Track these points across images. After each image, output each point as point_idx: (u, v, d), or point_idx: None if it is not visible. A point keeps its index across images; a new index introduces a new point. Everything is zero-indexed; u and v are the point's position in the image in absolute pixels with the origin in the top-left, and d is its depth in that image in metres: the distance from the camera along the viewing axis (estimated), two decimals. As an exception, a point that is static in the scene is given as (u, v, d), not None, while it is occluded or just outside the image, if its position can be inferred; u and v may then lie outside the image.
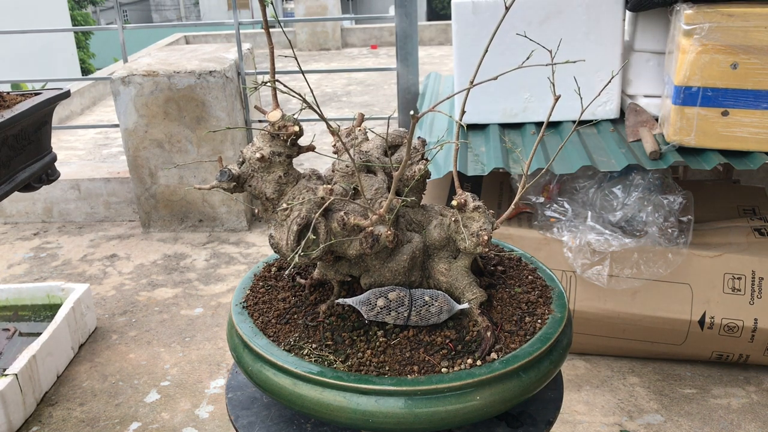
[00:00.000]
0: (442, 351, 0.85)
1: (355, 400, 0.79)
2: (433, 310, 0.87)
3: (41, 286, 2.26)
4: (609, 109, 2.04)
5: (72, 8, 12.08)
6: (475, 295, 0.89)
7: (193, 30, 9.16)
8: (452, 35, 2.02)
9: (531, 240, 1.88)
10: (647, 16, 1.98)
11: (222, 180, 0.83)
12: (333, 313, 0.92)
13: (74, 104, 5.52)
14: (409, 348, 0.86)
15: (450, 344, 0.85)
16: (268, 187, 0.85)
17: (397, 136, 0.95)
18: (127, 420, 1.86)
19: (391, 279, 0.89)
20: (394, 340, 0.87)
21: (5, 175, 1.64)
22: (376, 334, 0.88)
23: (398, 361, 0.84)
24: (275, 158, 0.84)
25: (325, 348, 0.87)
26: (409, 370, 0.82)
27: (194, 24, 4.41)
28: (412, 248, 0.89)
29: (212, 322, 2.33)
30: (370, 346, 0.86)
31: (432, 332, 0.88)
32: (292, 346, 0.87)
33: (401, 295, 0.87)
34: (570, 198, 1.94)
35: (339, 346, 0.87)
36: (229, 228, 3.06)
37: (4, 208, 3.23)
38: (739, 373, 1.91)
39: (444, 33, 8.30)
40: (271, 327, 0.92)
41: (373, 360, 0.84)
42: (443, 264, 0.91)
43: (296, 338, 0.88)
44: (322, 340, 0.88)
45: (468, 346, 0.85)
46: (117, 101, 2.88)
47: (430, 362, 0.83)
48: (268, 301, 0.97)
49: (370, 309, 0.87)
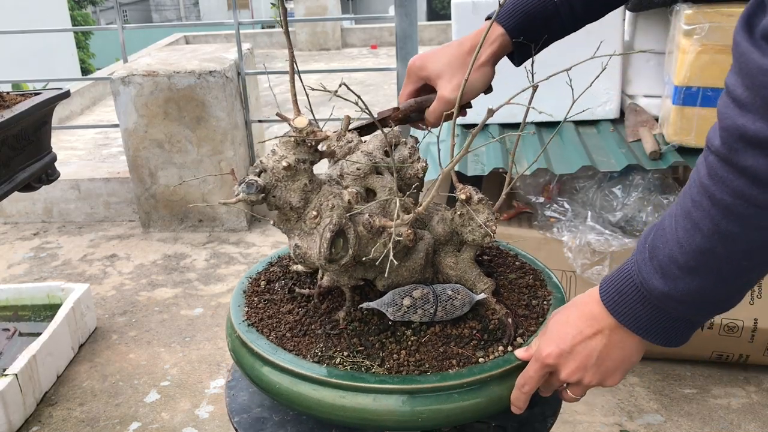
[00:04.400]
0: (473, 342, 0.86)
1: (409, 402, 0.79)
2: (458, 303, 0.87)
3: (41, 286, 2.26)
4: (609, 109, 2.04)
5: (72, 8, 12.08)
6: (487, 285, 0.90)
7: (193, 30, 9.16)
8: (452, 35, 2.02)
9: (531, 240, 1.88)
10: (647, 16, 1.98)
11: (251, 193, 0.78)
12: (354, 319, 0.90)
13: (74, 104, 5.52)
14: (440, 343, 0.86)
15: (478, 335, 0.87)
16: (293, 197, 0.81)
17: (395, 136, 0.95)
18: (127, 420, 1.86)
19: (408, 278, 0.89)
20: (424, 338, 0.86)
21: (5, 175, 1.64)
22: (405, 333, 0.87)
23: (434, 357, 0.83)
24: (300, 166, 0.80)
25: (357, 354, 0.84)
26: (448, 365, 0.82)
27: (194, 24, 4.41)
28: (425, 245, 0.90)
29: (212, 322, 2.33)
30: (403, 347, 0.85)
31: (456, 325, 0.88)
32: (320, 357, 0.84)
33: (425, 293, 0.87)
34: (570, 198, 1.94)
35: (370, 351, 0.85)
36: (229, 228, 3.06)
37: (4, 208, 3.23)
38: (739, 373, 1.91)
39: (444, 33, 8.30)
40: (288, 341, 0.88)
41: (409, 359, 0.83)
42: (450, 258, 0.92)
43: (322, 348, 0.86)
44: (351, 347, 0.85)
45: (493, 334, 0.87)
46: (117, 101, 2.88)
47: (465, 354, 0.84)
48: (274, 315, 0.93)
49: (396, 309, 0.86)
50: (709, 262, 0.64)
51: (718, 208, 0.60)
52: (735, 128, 0.57)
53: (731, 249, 0.62)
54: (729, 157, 0.58)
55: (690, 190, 0.64)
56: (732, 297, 0.68)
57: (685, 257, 0.65)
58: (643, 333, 0.72)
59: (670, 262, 0.66)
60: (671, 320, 0.70)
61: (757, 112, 0.55)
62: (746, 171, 0.57)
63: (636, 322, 0.72)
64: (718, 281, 0.65)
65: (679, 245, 0.65)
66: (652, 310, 0.70)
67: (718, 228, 0.61)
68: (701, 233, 0.63)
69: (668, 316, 0.70)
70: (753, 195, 0.57)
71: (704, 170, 0.62)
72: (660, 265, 0.68)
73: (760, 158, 0.56)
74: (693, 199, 0.63)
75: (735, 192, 0.58)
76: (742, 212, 0.59)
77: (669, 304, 0.69)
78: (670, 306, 0.69)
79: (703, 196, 0.62)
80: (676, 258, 0.66)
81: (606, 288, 0.74)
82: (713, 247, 0.62)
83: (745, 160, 0.57)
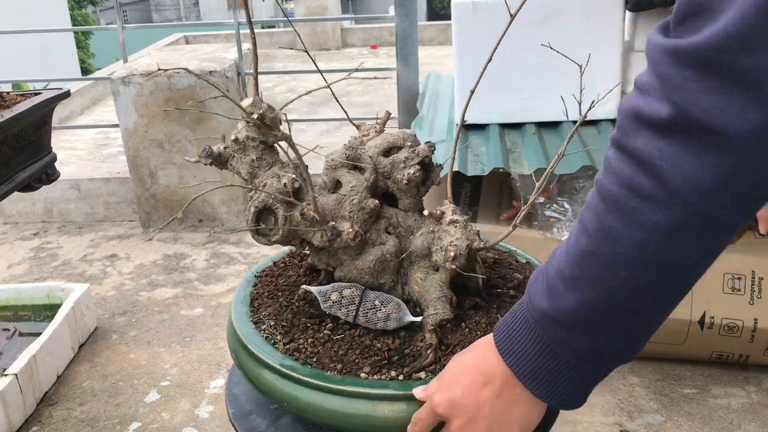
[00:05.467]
0: (376, 357, 0.83)
1: (281, 385, 0.82)
2: (380, 315, 0.86)
3: (41, 286, 2.26)
4: (609, 109, 2.04)
5: (72, 8, 12.08)
6: (437, 312, 0.86)
7: (193, 30, 9.16)
8: (452, 35, 2.02)
9: (531, 240, 1.88)
10: (647, 16, 1.98)
11: (202, 156, 0.90)
12: (306, 298, 0.94)
13: (74, 104, 5.52)
14: (347, 347, 0.86)
15: (386, 353, 0.84)
16: (243, 168, 0.90)
17: (400, 138, 0.94)
18: (127, 420, 1.86)
19: (358, 277, 0.90)
20: (337, 335, 0.88)
21: (5, 175, 1.64)
22: (329, 325, 0.90)
23: (329, 356, 0.84)
24: (249, 142, 0.89)
25: (280, 328, 0.90)
26: (332, 367, 0.82)
27: (194, 24, 4.41)
28: (381, 250, 0.89)
29: (212, 322, 2.33)
30: (315, 336, 0.88)
31: (378, 336, 0.87)
32: (258, 318, 0.92)
33: (354, 294, 0.88)
34: (570, 198, 1.94)
35: (293, 329, 0.89)
36: (229, 228, 3.06)
37: (4, 208, 3.23)
38: (739, 373, 1.91)
39: (444, 33, 8.30)
40: (261, 299, 0.97)
41: (309, 349, 0.85)
42: (420, 273, 0.90)
43: (267, 313, 0.93)
44: (281, 320, 0.91)
45: (404, 359, 0.83)
46: (117, 101, 2.88)
47: (358, 364, 0.82)
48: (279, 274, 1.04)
49: (324, 301, 0.89)
50: (588, 267, 0.57)
51: (605, 202, 0.55)
52: (630, 110, 0.54)
53: (611, 251, 0.55)
54: (620, 141, 0.55)
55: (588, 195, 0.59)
56: (614, 328, 0.59)
57: (569, 265, 0.59)
58: (528, 380, 0.63)
59: (556, 274, 0.60)
60: (556, 363, 0.62)
61: (654, 92, 0.51)
62: (636, 156, 0.53)
63: (522, 363, 0.63)
64: (596, 296, 0.58)
65: (566, 253, 0.60)
66: (537, 346, 0.63)
67: (602, 224, 0.56)
68: (586, 234, 0.57)
69: (552, 354, 0.62)
70: (639, 183, 0.53)
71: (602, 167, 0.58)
72: (547, 281, 0.62)
73: (651, 140, 0.52)
74: (587, 201, 0.59)
75: (622, 181, 0.54)
76: (626, 204, 0.54)
77: (549, 330, 0.61)
78: (549, 332, 0.61)
79: (594, 193, 0.57)
80: (561, 269, 0.60)
81: (499, 325, 0.67)
82: (594, 248, 0.57)
83: (635, 142, 0.53)
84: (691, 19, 0.50)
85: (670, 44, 0.51)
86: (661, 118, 0.51)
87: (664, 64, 0.51)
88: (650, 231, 0.53)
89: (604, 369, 0.63)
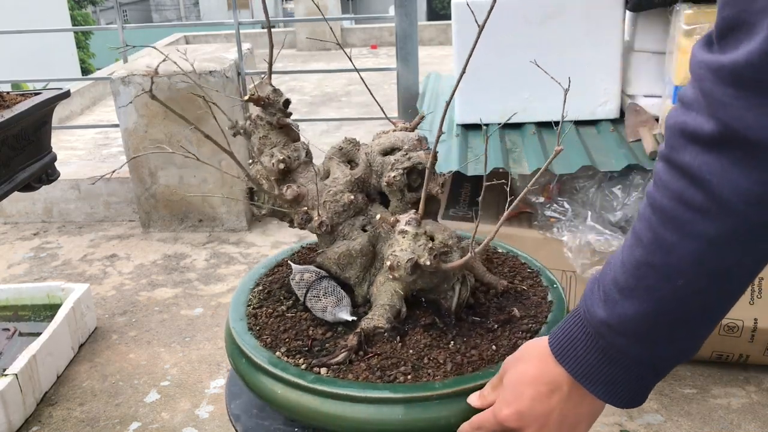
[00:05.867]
0: (300, 342, 0.87)
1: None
2: (319, 305, 0.90)
3: (41, 286, 2.26)
4: (609, 109, 2.04)
5: (72, 8, 12.08)
6: (372, 318, 0.86)
7: (193, 30, 9.16)
8: (452, 35, 2.02)
9: (531, 240, 1.88)
10: (647, 16, 1.98)
11: (230, 128, 0.98)
12: None
13: (74, 104, 5.52)
14: (286, 327, 0.91)
15: (310, 341, 0.87)
16: (255, 143, 0.97)
17: (399, 140, 0.94)
18: (127, 420, 1.86)
19: (327, 266, 0.95)
20: (290, 313, 0.94)
21: (5, 175, 1.64)
22: (285, 304, 0.96)
23: (270, 333, 0.90)
24: (259, 121, 0.96)
25: (263, 296, 0.98)
26: (264, 339, 0.88)
27: (194, 24, 4.41)
28: (348, 246, 0.92)
29: (212, 322, 2.33)
30: (274, 307, 0.95)
31: (318, 324, 0.91)
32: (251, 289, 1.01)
33: (309, 279, 0.93)
34: (570, 198, 1.94)
35: (270, 298, 0.97)
36: (229, 228, 3.06)
37: (4, 208, 3.23)
38: (739, 373, 1.91)
39: (444, 33, 8.30)
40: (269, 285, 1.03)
41: (262, 318, 0.93)
42: (382, 277, 0.90)
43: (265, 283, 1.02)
44: (269, 290, 0.99)
45: (320, 352, 0.85)
46: (117, 101, 2.88)
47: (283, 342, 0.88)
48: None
49: (292, 278, 0.95)
50: (645, 278, 0.60)
51: (658, 215, 0.58)
52: (677, 125, 0.56)
53: (666, 262, 0.58)
54: (670, 156, 0.57)
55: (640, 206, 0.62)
56: (671, 335, 0.62)
57: (625, 276, 0.61)
58: (588, 383, 0.67)
59: (612, 284, 0.63)
60: (614, 368, 0.65)
61: (699, 107, 0.54)
62: (686, 170, 0.55)
63: (581, 369, 0.67)
64: (653, 305, 0.60)
65: (622, 264, 0.62)
66: (595, 353, 0.66)
67: (657, 236, 0.58)
68: (641, 245, 0.60)
69: (610, 360, 0.65)
70: (690, 197, 0.55)
71: (652, 180, 0.60)
72: (604, 291, 0.64)
73: (699, 155, 0.54)
74: (640, 213, 0.61)
75: (674, 195, 0.56)
76: (680, 217, 0.56)
77: (607, 337, 0.64)
78: (608, 339, 0.64)
79: (646, 205, 0.60)
80: (617, 279, 0.62)
81: (555, 333, 0.70)
82: (651, 260, 0.59)
83: (684, 157, 0.55)
84: (731, 34, 0.52)
85: (713, 61, 0.52)
86: (707, 134, 0.53)
87: (708, 81, 0.53)
88: (704, 241, 0.56)
89: (663, 371, 0.66)
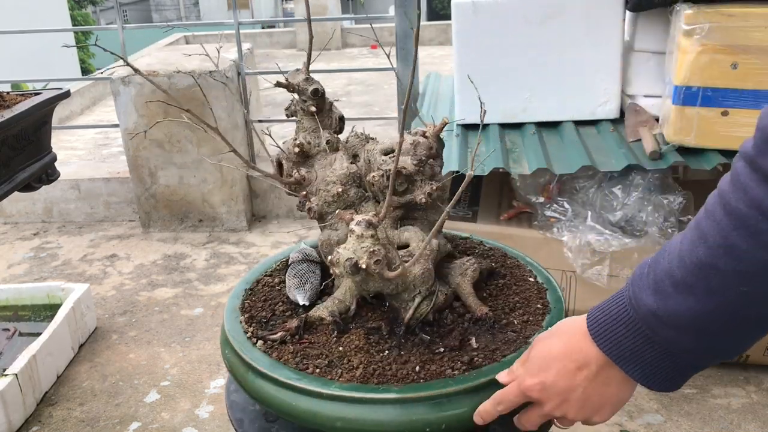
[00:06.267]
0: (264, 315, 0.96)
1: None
2: (288, 284, 0.99)
3: (41, 286, 2.26)
4: (609, 109, 2.04)
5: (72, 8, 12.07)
6: (317, 310, 0.91)
7: (193, 30, 9.16)
8: (452, 35, 2.02)
9: (531, 240, 1.88)
10: (647, 16, 1.97)
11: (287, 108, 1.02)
12: None
13: (74, 104, 5.52)
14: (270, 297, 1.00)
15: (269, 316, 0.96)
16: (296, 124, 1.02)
17: (395, 143, 0.94)
18: (127, 420, 1.86)
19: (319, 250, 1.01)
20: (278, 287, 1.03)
21: (5, 175, 1.64)
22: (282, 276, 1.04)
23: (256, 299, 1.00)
24: (295, 107, 1.01)
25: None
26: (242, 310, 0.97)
27: (194, 24, 4.40)
28: (329, 234, 0.97)
29: (212, 322, 2.33)
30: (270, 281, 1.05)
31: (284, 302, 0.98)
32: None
33: (293, 260, 1.01)
34: (570, 198, 1.94)
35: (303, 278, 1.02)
36: (229, 228, 3.06)
37: (4, 208, 3.23)
38: (739, 373, 1.91)
39: (444, 33, 8.29)
40: None
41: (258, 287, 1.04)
42: None
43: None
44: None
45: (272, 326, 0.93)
46: (117, 101, 2.88)
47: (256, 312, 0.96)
48: None
49: (292, 256, 1.04)
50: (707, 278, 0.58)
51: (731, 218, 0.55)
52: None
53: (733, 267, 0.56)
54: (756, 159, 0.54)
55: (707, 201, 0.60)
56: (725, 334, 0.61)
57: (683, 271, 0.60)
58: (625, 365, 0.67)
59: (666, 276, 0.62)
60: (657, 352, 0.65)
61: None
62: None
63: (619, 350, 0.66)
64: (712, 306, 0.59)
65: (679, 258, 0.60)
66: (638, 337, 0.65)
67: (726, 240, 0.56)
68: (706, 245, 0.58)
69: (653, 345, 0.64)
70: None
71: (728, 178, 0.57)
72: (655, 280, 0.63)
73: None
74: (706, 209, 0.59)
75: (753, 201, 0.53)
76: (755, 225, 0.53)
77: (655, 327, 0.63)
78: (655, 329, 0.63)
79: (717, 204, 0.57)
80: (673, 273, 0.61)
81: (594, 313, 0.69)
82: (715, 262, 0.57)
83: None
84: None
85: None
86: None
87: None
88: None
89: (706, 364, 0.66)
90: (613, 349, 0.67)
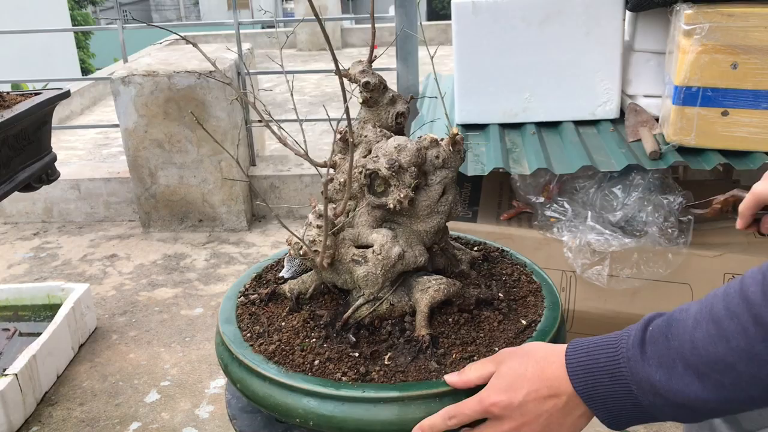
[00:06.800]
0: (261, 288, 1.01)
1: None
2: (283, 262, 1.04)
3: (41, 286, 2.26)
4: (609, 109, 2.04)
5: (72, 8, 12.07)
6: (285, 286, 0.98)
7: (193, 30, 9.16)
8: (452, 35, 2.02)
9: (531, 240, 1.88)
10: (647, 16, 1.97)
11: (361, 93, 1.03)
12: None
13: (74, 104, 5.52)
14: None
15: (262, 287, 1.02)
16: None
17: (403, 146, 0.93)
18: (127, 420, 1.86)
19: None
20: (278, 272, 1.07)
21: (5, 175, 1.64)
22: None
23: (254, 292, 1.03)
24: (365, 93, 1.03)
25: None
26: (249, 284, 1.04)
27: (194, 24, 4.40)
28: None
29: (212, 322, 2.33)
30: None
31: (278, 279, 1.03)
32: None
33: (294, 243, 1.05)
34: (570, 198, 1.94)
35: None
36: (229, 228, 3.07)
37: (4, 208, 3.23)
38: (739, 373, 1.91)
39: (444, 33, 8.29)
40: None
41: None
42: None
43: None
44: None
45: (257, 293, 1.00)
46: (117, 101, 2.88)
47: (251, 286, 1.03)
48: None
49: None
50: (721, 373, 0.59)
51: (760, 329, 0.55)
52: None
53: (753, 373, 0.57)
54: None
55: (726, 297, 0.60)
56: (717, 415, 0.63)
57: (697, 359, 0.60)
58: (595, 406, 0.68)
59: (678, 356, 0.62)
60: (636, 409, 0.66)
61: None
62: None
63: (593, 393, 0.68)
64: (719, 397, 0.60)
65: (692, 345, 0.61)
66: (620, 391, 0.66)
67: (751, 348, 0.56)
68: (727, 345, 0.58)
69: (636, 404, 0.65)
70: None
71: (757, 286, 0.57)
72: (661, 354, 0.63)
73: None
74: (728, 309, 0.59)
75: None
76: None
77: (648, 394, 0.64)
78: (648, 395, 0.64)
79: (745, 310, 0.57)
80: (685, 356, 0.61)
81: (577, 353, 0.70)
82: (734, 362, 0.58)
83: None
84: None
85: None
86: None
87: None
88: None
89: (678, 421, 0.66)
90: (588, 391, 0.68)
